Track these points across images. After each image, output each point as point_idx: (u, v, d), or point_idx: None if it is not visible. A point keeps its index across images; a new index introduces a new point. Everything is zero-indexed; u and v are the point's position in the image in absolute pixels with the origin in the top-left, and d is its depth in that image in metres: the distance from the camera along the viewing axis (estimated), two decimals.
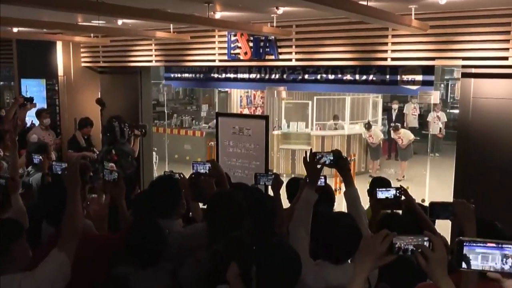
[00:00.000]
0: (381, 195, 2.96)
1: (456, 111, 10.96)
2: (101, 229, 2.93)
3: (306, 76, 6.26)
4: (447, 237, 2.97)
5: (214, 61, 6.62)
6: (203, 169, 3.30)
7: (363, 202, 2.57)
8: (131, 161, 5.67)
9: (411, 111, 11.54)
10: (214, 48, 6.56)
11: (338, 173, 2.71)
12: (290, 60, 6.04)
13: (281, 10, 4.94)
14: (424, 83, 5.54)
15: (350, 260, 2.16)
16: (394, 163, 10.55)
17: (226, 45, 6.41)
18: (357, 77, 5.92)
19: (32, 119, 6.95)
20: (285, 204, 3.20)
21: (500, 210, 4.29)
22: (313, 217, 2.32)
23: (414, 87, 5.62)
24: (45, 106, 7.57)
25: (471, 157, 4.98)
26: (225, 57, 6.46)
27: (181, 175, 3.19)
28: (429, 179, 6.90)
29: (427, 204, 3.72)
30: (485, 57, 4.75)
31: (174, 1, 4.53)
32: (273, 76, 6.53)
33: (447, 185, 5.58)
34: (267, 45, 6.09)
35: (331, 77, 6.08)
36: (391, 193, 2.96)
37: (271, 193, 3.33)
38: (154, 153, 8.34)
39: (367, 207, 3.15)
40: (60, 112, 7.90)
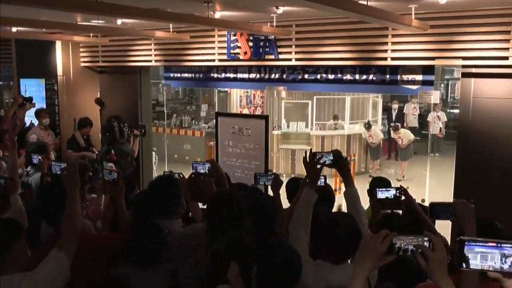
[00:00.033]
0: (381, 195, 2.96)
1: (456, 111, 10.96)
2: (103, 229, 2.93)
3: (306, 76, 6.26)
4: (447, 237, 2.96)
5: (213, 60, 6.61)
6: (203, 169, 3.30)
7: (363, 202, 2.57)
8: (130, 161, 5.67)
9: (411, 111, 11.53)
10: (213, 47, 6.55)
11: (338, 173, 2.70)
12: (289, 59, 6.04)
13: (281, 9, 4.94)
14: (424, 83, 5.54)
15: (350, 260, 2.16)
16: (394, 163, 10.54)
17: (225, 45, 6.41)
18: (357, 77, 5.92)
19: (31, 119, 6.94)
20: (285, 204, 3.19)
21: (500, 210, 4.28)
22: (313, 217, 2.32)
23: (414, 87, 5.61)
24: (44, 106, 7.56)
25: (471, 157, 4.98)
26: (225, 57, 6.46)
27: (180, 175, 3.19)
28: (429, 179, 6.89)
29: (427, 204, 3.72)
30: (485, 56, 4.74)
31: (173, 0, 4.52)
32: (272, 76, 6.52)
33: (447, 185, 5.58)
34: (267, 44, 6.08)
35: (331, 76, 6.07)
36: (391, 193, 2.96)
37: (270, 193, 3.32)
38: (153, 153, 8.33)
39: (367, 207, 3.14)
40: (59, 112, 7.89)
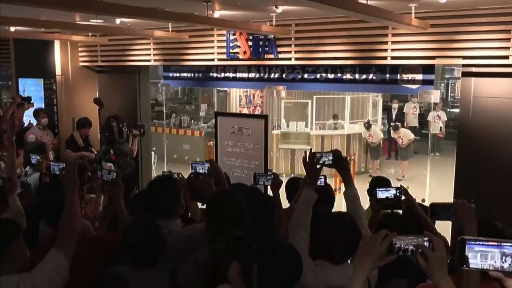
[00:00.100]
0: (381, 195, 2.96)
1: (456, 111, 10.96)
2: (100, 229, 2.92)
3: (305, 75, 6.24)
4: (448, 237, 2.95)
5: (213, 60, 6.60)
6: (202, 169, 3.29)
7: (363, 202, 2.55)
8: (129, 161, 5.65)
9: (411, 110, 11.52)
10: (213, 47, 6.54)
11: (337, 173, 2.69)
12: (289, 59, 6.02)
13: (280, 9, 4.92)
14: (424, 82, 5.53)
15: (350, 260, 2.15)
16: (394, 162, 10.53)
17: (225, 44, 6.39)
18: (357, 76, 5.90)
19: (29, 119, 6.92)
20: (285, 204, 3.18)
21: (501, 209, 4.27)
22: (313, 217, 2.30)
23: (414, 86, 5.60)
24: (42, 105, 7.54)
25: (471, 156, 4.97)
26: (224, 56, 6.44)
27: (179, 175, 3.17)
28: (430, 179, 6.89)
29: (427, 204, 3.72)
30: (485, 56, 4.73)
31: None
32: (272, 75, 6.51)
33: (447, 185, 5.57)
34: (266, 44, 6.06)
35: (331, 76, 6.06)
36: (391, 193, 2.96)
37: (270, 193, 3.31)
38: (152, 153, 8.32)
39: (367, 207, 3.13)
40: (57, 111, 7.88)
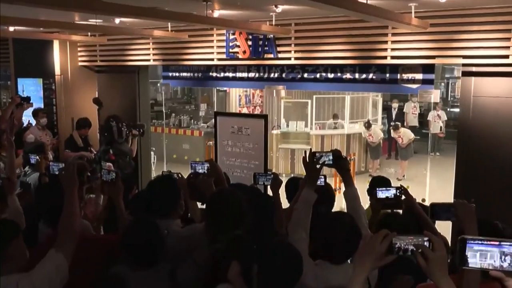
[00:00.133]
0: (381, 194, 2.96)
1: (456, 110, 10.96)
2: (96, 228, 2.91)
3: (305, 74, 6.24)
4: (448, 237, 2.95)
5: (212, 60, 6.59)
6: (202, 169, 3.29)
7: (363, 201, 2.55)
8: (129, 161, 5.65)
9: (411, 110, 11.51)
10: (212, 46, 6.53)
11: (337, 172, 2.69)
12: (289, 58, 6.01)
13: (280, 8, 4.91)
14: (424, 82, 5.52)
15: (350, 260, 2.14)
16: (394, 162, 10.53)
17: (224, 44, 6.38)
18: (357, 75, 5.90)
19: (29, 119, 6.91)
20: (285, 204, 3.17)
21: (501, 209, 4.27)
22: (312, 217, 2.30)
23: (414, 86, 5.59)
24: (42, 105, 7.52)
25: (471, 156, 4.96)
26: (224, 56, 6.43)
27: (179, 175, 3.17)
28: (430, 179, 6.89)
29: (427, 203, 3.71)
30: (485, 55, 4.72)
31: None
32: (272, 75, 6.50)
33: (447, 185, 5.56)
34: (266, 43, 6.05)
35: (331, 75, 6.05)
36: (391, 192, 2.96)
37: (270, 193, 3.30)
38: (152, 153, 8.32)
39: (367, 206, 3.12)
40: (57, 111, 7.86)
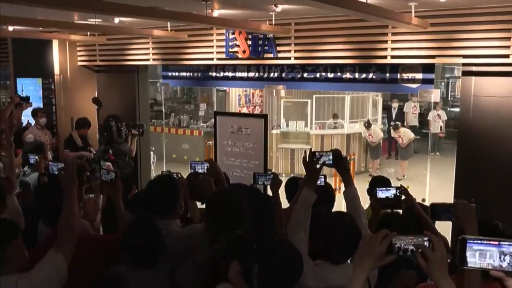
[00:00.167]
0: (381, 194, 2.96)
1: (456, 110, 10.96)
2: (94, 230, 2.91)
3: (305, 74, 6.23)
4: (448, 237, 2.94)
5: (212, 59, 6.58)
6: (201, 168, 3.28)
7: (363, 201, 2.54)
8: (128, 160, 5.64)
9: (411, 109, 11.51)
10: (212, 46, 6.52)
11: (337, 172, 2.68)
12: (289, 58, 6.00)
13: (280, 7, 4.90)
14: (424, 81, 5.51)
15: (350, 260, 2.13)
16: (394, 162, 10.52)
17: (224, 43, 6.37)
18: (357, 75, 5.89)
19: (28, 119, 6.90)
20: (284, 204, 3.16)
21: (501, 209, 4.26)
22: (312, 217, 2.29)
23: (414, 86, 5.59)
24: (41, 105, 7.50)
25: (472, 156, 4.95)
26: (223, 56, 6.42)
27: (179, 175, 3.16)
28: (430, 178, 6.88)
29: (427, 203, 3.71)
30: (485, 55, 4.71)
31: None
32: (271, 74, 6.50)
33: (447, 184, 5.56)
34: (266, 43, 6.05)
35: (331, 75, 6.05)
36: (391, 192, 2.96)
37: (270, 193, 3.30)
38: (151, 153, 8.31)
39: (367, 206, 3.12)
40: (56, 111, 7.85)
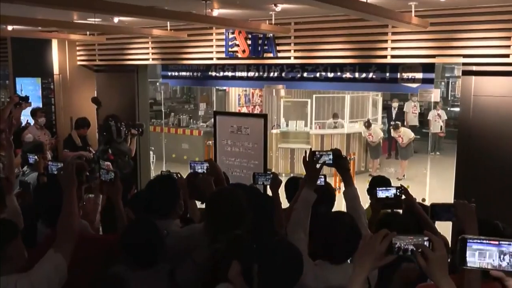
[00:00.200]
0: (381, 194, 2.95)
1: (456, 109, 10.95)
2: (94, 229, 2.90)
3: (305, 74, 6.23)
4: (448, 237, 2.94)
5: (211, 59, 6.58)
6: (201, 168, 3.28)
7: (363, 201, 2.54)
8: (128, 160, 5.64)
9: (411, 109, 11.51)
10: (211, 46, 6.51)
11: (337, 172, 2.68)
12: (288, 58, 6.00)
13: (280, 7, 4.90)
14: (424, 81, 5.51)
15: (349, 260, 2.13)
16: (394, 162, 10.52)
17: (224, 43, 6.37)
18: (357, 75, 5.89)
19: (27, 118, 6.89)
20: (284, 204, 3.16)
21: (501, 208, 4.26)
22: (312, 217, 2.29)
23: (414, 85, 5.58)
24: (40, 105, 7.49)
25: (472, 155, 4.95)
26: (223, 55, 6.42)
27: (178, 175, 3.15)
28: (430, 178, 6.88)
29: (427, 203, 3.70)
30: (486, 54, 4.71)
31: None
32: (271, 74, 6.49)
33: (447, 184, 5.56)
34: (266, 42, 6.04)
35: (330, 75, 6.04)
36: (391, 192, 2.95)
37: (269, 193, 3.29)
38: (151, 153, 8.31)
39: (367, 206, 3.11)
40: (55, 111, 7.84)
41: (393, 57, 5.30)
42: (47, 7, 4.17)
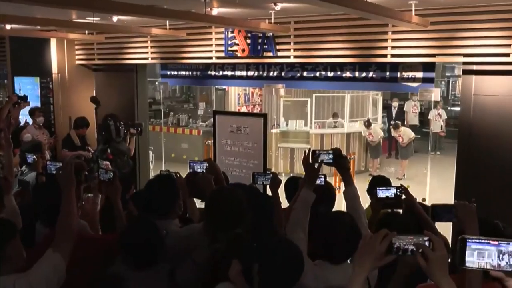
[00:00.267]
0: (381, 194, 2.95)
1: (457, 109, 10.96)
2: (93, 229, 2.89)
3: (304, 73, 6.21)
4: (448, 237, 2.93)
5: (211, 58, 6.56)
6: (200, 168, 3.28)
7: (363, 201, 2.53)
8: (127, 160, 5.63)
9: (412, 108, 11.51)
10: (211, 45, 6.50)
11: (337, 172, 2.67)
12: (288, 57, 5.98)
13: (279, 6, 4.88)
14: (424, 80, 5.50)
15: (349, 260, 2.12)
16: (394, 161, 10.52)
17: (223, 42, 6.35)
18: (357, 74, 5.87)
19: (25, 118, 6.88)
20: (284, 203, 3.15)
21: (501, 208, 4.26)
22: (312, 216, 2.28)
23: (414, 84, 5.57)
24: (39, 104, 7.49)
25: (472, 155, 4.94)
26: (223, 54, 6.40)
27: (177, 175, 3.14)
28: (430, 178, 6.88)
29: (428, 203, 3.69)
30: (486, 53, 4.70)
31: None
32: (271, 73, 6.48)
33: (448, 184, 5.55)
34: (265, 42, 6.03)
35: (330, 74, 6.03)
36: (391, 192, 2.94)
37: (269, 192, 3.28)
38: (150, 152, 8.29)
39: (367, 206, 3.10)
40: (54, 110, 7.83)
41: (393, 56, 5.29)
42: (46, 6, 4.16)
